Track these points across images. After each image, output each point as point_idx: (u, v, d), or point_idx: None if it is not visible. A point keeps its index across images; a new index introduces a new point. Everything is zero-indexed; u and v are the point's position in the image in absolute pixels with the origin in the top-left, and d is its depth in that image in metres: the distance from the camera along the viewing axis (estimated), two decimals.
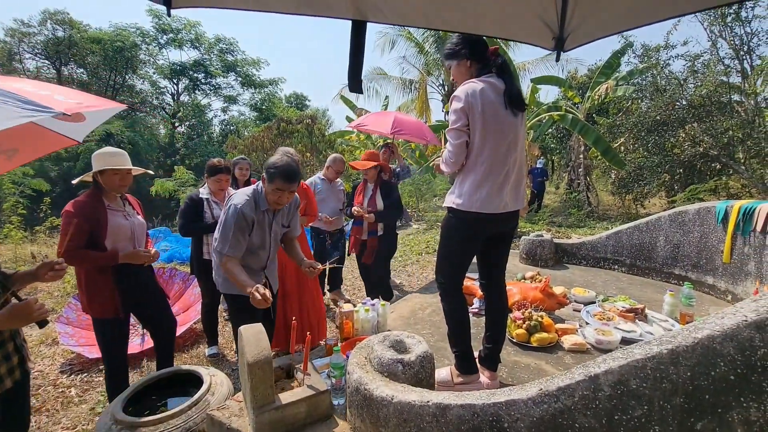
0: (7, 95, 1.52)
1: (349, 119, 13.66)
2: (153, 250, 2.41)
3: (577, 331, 2.68)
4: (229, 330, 3.78)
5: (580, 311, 3.02)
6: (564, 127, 11.61)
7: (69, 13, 20.34)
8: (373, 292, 3.81)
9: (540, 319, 2.62)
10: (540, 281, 3.36)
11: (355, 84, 1.57)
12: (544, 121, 10.08)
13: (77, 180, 2.37)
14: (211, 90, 25.43)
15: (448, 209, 2.02)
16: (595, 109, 11.03)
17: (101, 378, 3.07)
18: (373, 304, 2.74)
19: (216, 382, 2.13)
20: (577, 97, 10.95)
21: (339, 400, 1.91)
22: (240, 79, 25.58)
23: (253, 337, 1.73)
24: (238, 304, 2.27)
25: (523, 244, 4.48)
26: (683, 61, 9.90)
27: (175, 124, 24.66)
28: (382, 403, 1.54)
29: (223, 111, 26.69)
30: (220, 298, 3.37)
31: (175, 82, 24.56)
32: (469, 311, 2.98)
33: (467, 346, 2.10)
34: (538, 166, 11.70)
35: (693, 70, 9.71)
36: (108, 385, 2.41)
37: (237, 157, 4.21)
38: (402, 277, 5.56)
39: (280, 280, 2.98)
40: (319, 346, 2.67)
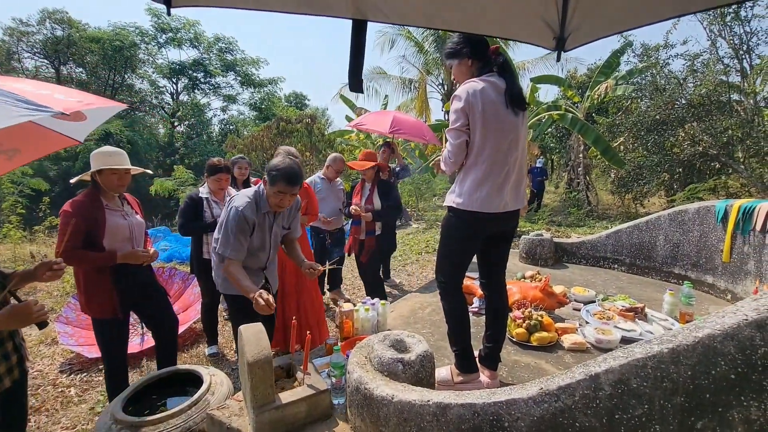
0: (6, 95, 1.51)
1: (349, 118, 13.65)
2: (152, 250, 2.40)
3: (577, 330, 2.68)
4: (229, 329, 3.78)
5: (579, 310, 3.02)
6: (563, 127, 11.61)
7: (68, 12, 20.33)
8: (379, 293, 3.80)
9: (540, 319, 2.62)
10: (540, 280, 3.37)
11: (356, 83, 1.57)
12: (543, 121, 10.08)
13: (75, 179, 2.36)
14: (210, 89, 25.41)
15: (449, 208, 2.02)
16: (595, 108, 11.03)
17: (101, 378, 3.07)
18: (373, 304, 2.73)
19: (216, 382, 2.12)
20: (577, 97, 10.96)
21: (339, 400, 1.91)
22: (239, 78, 25.56)
23: (253, 336, 1.73)
24: (238, 304, 2.27)
25: (522, 244, 4.48)
26: (683, 61, 9.91)
27: (175, 124, 24.64)
28: (382, 402, 1.54)
29: (223, 110, 26.71)
30: (219, 298, 3.37)
31: (174, 81, 24.54)
32: (469, 310, 2.99)
33: (467, 345, 2.10)
34: (538, 165, 11.71)
35: (692, 69, 9.71)
36: (108, 384, 2.41)
37: (236, 157, 4.21)
38: (402, 277, 5.56)
39: (279, 280, 2.98)
40: (318, 347, 2.67)
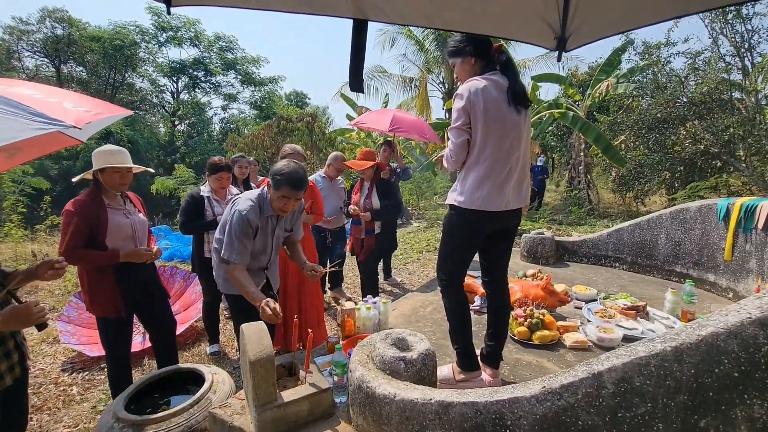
0: (18, 107, 1.52)
1: (350, 117, 13.65)
2: (155, 248, 2.40)
3: (578, 328, 2.67)
4: (230, 328, 3.78)
5: (581, 309, 3.02)
6: (564, 125, 11.60)
7: (68, 11, 20.32)
8: (372, 290, 3.80)
9: (541, 317, 2.62)
10: (541, 279, 3.36)
11: (356, 83, 1.56)
12: (544, 119, 10.07)
13: (77, 178, 2.36)
14: (210, 88, 25.41)
15: (450, 206, 2.02)
16: (596, 106, 11.01)
17: (102, 376, 3.07)
18: (374, 302, 2.73)
19: (218, 380, 2.13)
20: (578, 95, 10.94)
21: (341, 398, 1.91)
22: (240, 77, 25.56)
23: (255, 335, 1.73)
24: (239, 304, 2.26)
25: (524, 242, 4.47)
26: (684, 59, 9.89)
27: (175, 123, 24.65)
28: (384, 400, 1.54)
29: (223, 109, 26.72)
30: (221, 297, 3.37)
31: (174, 80, 24.53)
32: (471, 309, 2.99)
33: (468, 343, 2.10)
34: (539, 164, 11.69)
35: (694, 67, 9.69)
36: (111, 383, 2.41)
37: (236, 155, 4.21)
38: (403, 275, 5.56)
39: (281, 280, 2.97)
40: (319, 346, 2.67)
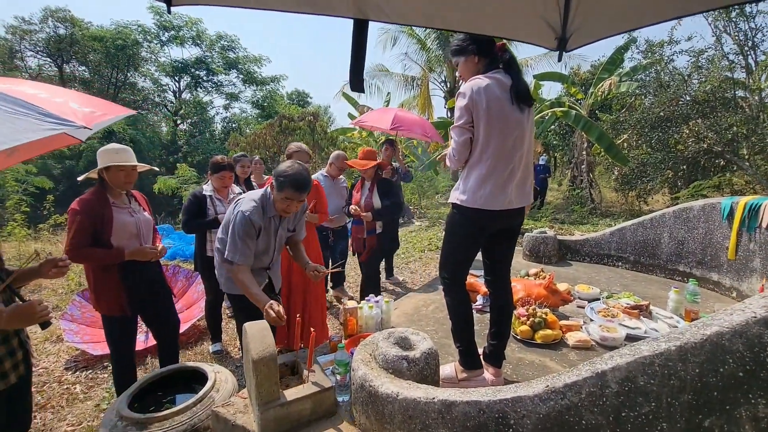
0: (28, 107, 1.54)
1: (352, 116, 13.65)
2: (160, 246, 2.41)
3: (581, 327, 2.67)
4: (233, 327, 3.79)
5: (584, 308, 3.01)
6: (566, 124, 11.56)
7: (70, 10, 20.36)
8: (374, 290, 3.78)
9: (544, 316, 2.61)
10: (544, 278, 3.36)
11: (357, 83, 1.55)
12: (546, 118, 10.04)
13: (82, 177, 2.37)
14: (212, 87, 25.45)
15: (453, 205, 2.02)
16: (598, 105, 10.96)
17: (106, 375, 3.08)
18: (376, 301, 2.73)
19: (220, 379, 2.13)
20: (580, 93, 10.90)
21: (343, 397, 1.91)
22: (242, 76, 25.59)
23: (258, 333, 1.73)
24: (242, 303, 2.26)
25: (526, 241, 4.47)
26: (687, 57, 9.83)
27: (177, 122, 24.70)
28: (387, 399, 1.54)
29: (225, 108, 26.76)
30: (223, 296, 3.37)
31: (176, 79, 24.58)
32: (473, 308, 2.98)
33: (470, 341, 2.10)
34: (541, 162, 11.66)
35: (697, 65, 9.63)
36: (116, 381, 2.43)
37: (238, 154, 4.21)
38: (405, 274, 5.56)
39: (286, 279, 2.97)
40: (322, 344, 2.67)
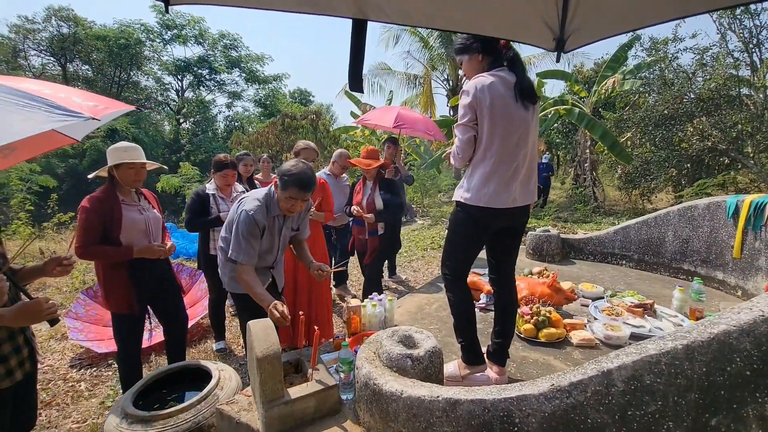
0: (37, 100, 1.55)
1: (354, 115, 13.65)
2: (169, 244, 2.43)
3: (585, 326, 2.66)
4: (236, 325, 3.79)
5: (588, 306, 3.00)
6: (570, 122, 11.51)
7: (73, 9, 20.45)
8: (375, 289, 3.75)
9: (548, 315, 2.61)
10: (547, 276, 3.35)
11: (356, 83, 1.55)
12: (549, 116, 10.00)
13: (93, 175, 2.39)
14: (215, 86, 25.49)
15: (456, 203, 2.01)
16: (602, 103, 10.91)
17: (110, 372, 3.10)
18: (380, 300, 2.73)
19: (225, 377, 2.14)
20: (584, 91, 10.84)
21: (347, 395, 1.91)
22: (244, 74, 25.61)
23: (262, 331, 1.73)
24: (245, 302, 2.26)
25: (529, 240, 4.45)
26: (692, 54, 9.76)
27: (180, 121, 24.75)
28: (391, 397, 1.54)
29: (228, 107, 26.81)
30: (227, 294, 3.38)
31: (179, 78, 24.63)
32: (476, 306, 2.98)
33: (473, 337, 2.10)
34: (544, 161, 11.62)
35: (701, 63, 9.57)
36: (122, 377, 2.46)
37: (241, 153, 4.21)
38: (408, 273, 5.56)
39: (292, 275, 2.97)
40: (326, 342, 2.66)
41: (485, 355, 2.17)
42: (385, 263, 4.67)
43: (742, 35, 9.11)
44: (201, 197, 3.11)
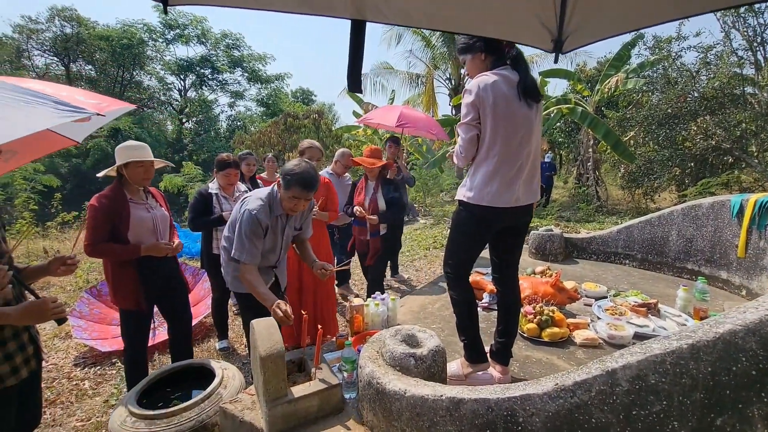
0: (43, 97, 1.56)
1: (356, 114, 13.64)
2: (176, 242, 2.45)
3: (588, 325, 2.65)
4: (239, 324, 3.80)
5: (591, 306, 3.00)
6: (572, 121, 11.48)
7: (77, 9, 20.49)
8: (377, 289, 3.74)
9: (551, 314, 2.60)
10: (550, 276, 3.34)
11: (355, 84, 1.55)
12: (552, 115, 9.97)
13: (102, 173, 2.41)
14: (217, 86, 25.52)
15: (459, 202, 2.01)
16: (605, 102, 10.87)
17: (114, 371, 3.11)
18: (383, 299, 2.73)
19: (228, 376, 2.14)
20: (587, 90, 10.81)
21: (350, 394, 1.91)
22: (246, 74, 25.62)
23: (266, 330, 1.73)
24: (248, 302, 2.27)
25: (532, 239, 4.44)
26: (695, 53, 9.86)
27: (183, 120, 24.80)
28: (394, 396, 1.54)
29: (230, 106, 26.82)
30: (230, 293, 3.38)
31: (182, 78, 24.67)
32: (479, 305, 2.98)
33: (475, 335, 2.10)
34: (546, 160, 11.59)
35: (705, 61, 9.52)
36: (127, 374, 2.47)
37: (243, 152, 4.22)
38: (410, 272, 5.55)
39: (296, 274, 2.97)
40: (330, 341, 2.67)
41: (488, 354, 2.16)
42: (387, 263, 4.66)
43: (746, 34, 9.07)
44: (204, 196, 3.12)
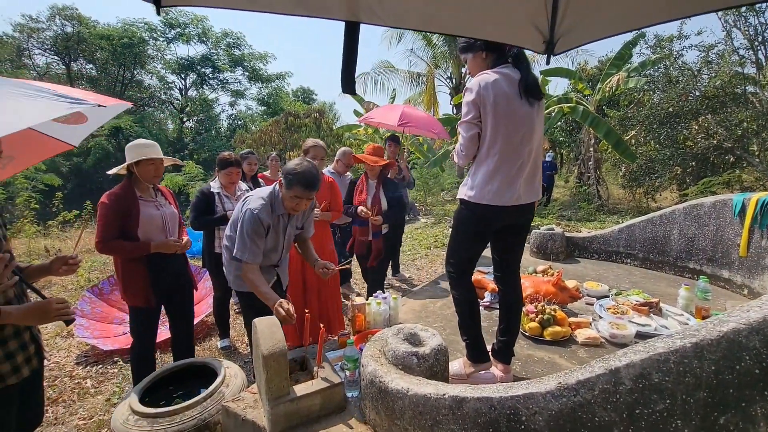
0: (43, 90, 1.57)
1: (357, 113, 13.63)
2: (185, 239, 2.48)
3: (590, 324, 2.65)
4: (241, 323, 3.80)
5: (593, 305, 3.00)
6: (573, 120, 11.47)
7: (77, 8, 20.48)
8: (374, 287, 3.71)
9: (553, 313, 2.60)
10: (552, 275, 3.34)
11: (348, 86, 1.54)
12: (553, 114, 9.96)
13: (113, 171, 2.43)
14: (218, 85, 25.53)
15: (461, 201, 2.01)
16: (606, 101, 10.86)
17: (116, 370, 3.11)
18: (384, 298, 2.73)
19: (230, 374, 2.14)
20: (588, 89, 10.79)
21: (352, 393, 1.92)
22: (247, 73, 25.63)
23: (268, 329, 1.73)
24: (250, 301, 2.27)
25: (533, 238, 4.44)
26: (697, 52, 9.76)
27: (183, 119, 24.80)
28: (397, 395, 1.54)
29: (231, 105, 26.84)
30: (231, 292, 3.38)
31: (182, 77, 24.68)
32: (481, 304, 2.98)
33: (477, 335, 2.10)
34: (547, 159, 11.57)
35: (707, 60, 9.52)
36: (134, 369, 2.49)
37: (245, 151, 4.22)
38: (411, 271, 5.55)
39: (301, 273, 2.97)
40: (333, 339, 2.67)
41: (490, 353, 2.16)
42: (388, 262, 4.65)
43: (747, 33, 9.06)
44: (206, 195, 3.12)
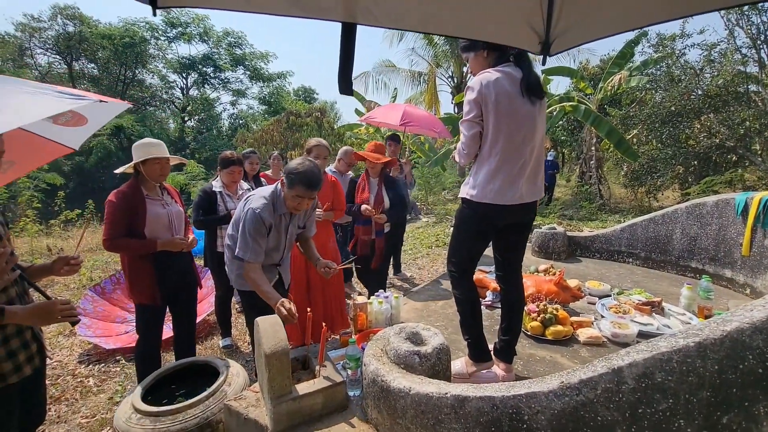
0: (45, 87, 1.60)
1: (359, 112, 13.64)
2: (191, 237, 2.51)
3: (592, 324, 2.65)
4: (242, 322, 3.81)
5: (595, 304, 2.99)
6: (575, 119, 11.44)
7: (79, 8, 20.50)
8: (375, 287, 3.68)
9: (555, 312, 2.60)
10: (554, 274, 3.33)
11: (346, 87, 1.54)
12: (555, 113, 9.94)
13: (120, 170, 2.44)
14: (219, 84, 25.53)
15: (462, 200, 2.01)
16: (608, 100, 10.84)
17: (118, 368, 3.12)
18: (386, 297, 2.73)
19: (232, 373, 2.15)
20: (590, 88, 10.77)
21: (354, 392, 1.92)
22: (248, 72, 25.62)
23: (270, 328, 1.74)
24: (252, 300, 2.26)
25: (535, 237, 4.44)
26: (699, 51, 9.68)
27: (185, 119, 24.82)
28: (399, 394, 1.54)
29: (232, 105, 26.82)
30: (233, 291, 3.39)
31: (184, 76, 24.69)
32: (482, 304, 2.97)
33: (479, 334, 2.10)
34: (549, 158, 11.55)
35: (709, 59, 9.48)
36: (139, 366, 2.51)
37: (246, 151, 4.22)
38: (413, 270, 5.55)
39: (305, 272, 2.97)
40: (335, 338, 2.67)
41: (492, 352, 2.16)
42: (390, 260, 4.65)
43: (749, 31, 9.02)
44: (208, 194, 3.12)
